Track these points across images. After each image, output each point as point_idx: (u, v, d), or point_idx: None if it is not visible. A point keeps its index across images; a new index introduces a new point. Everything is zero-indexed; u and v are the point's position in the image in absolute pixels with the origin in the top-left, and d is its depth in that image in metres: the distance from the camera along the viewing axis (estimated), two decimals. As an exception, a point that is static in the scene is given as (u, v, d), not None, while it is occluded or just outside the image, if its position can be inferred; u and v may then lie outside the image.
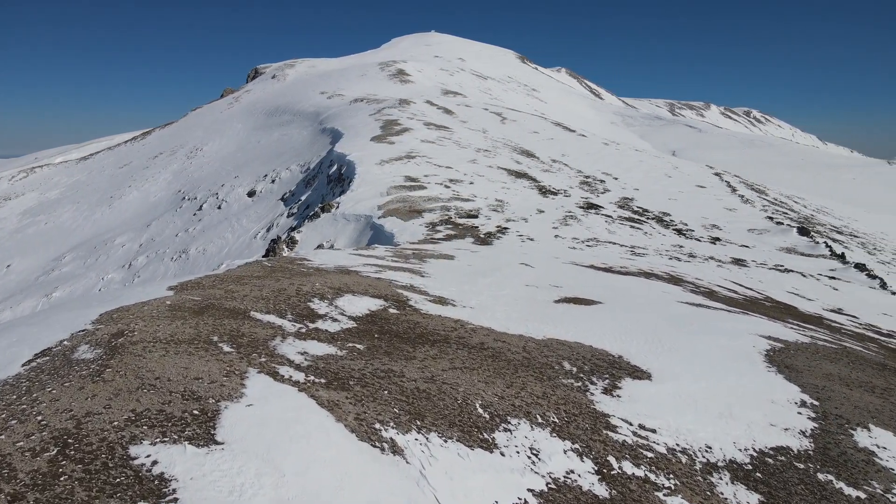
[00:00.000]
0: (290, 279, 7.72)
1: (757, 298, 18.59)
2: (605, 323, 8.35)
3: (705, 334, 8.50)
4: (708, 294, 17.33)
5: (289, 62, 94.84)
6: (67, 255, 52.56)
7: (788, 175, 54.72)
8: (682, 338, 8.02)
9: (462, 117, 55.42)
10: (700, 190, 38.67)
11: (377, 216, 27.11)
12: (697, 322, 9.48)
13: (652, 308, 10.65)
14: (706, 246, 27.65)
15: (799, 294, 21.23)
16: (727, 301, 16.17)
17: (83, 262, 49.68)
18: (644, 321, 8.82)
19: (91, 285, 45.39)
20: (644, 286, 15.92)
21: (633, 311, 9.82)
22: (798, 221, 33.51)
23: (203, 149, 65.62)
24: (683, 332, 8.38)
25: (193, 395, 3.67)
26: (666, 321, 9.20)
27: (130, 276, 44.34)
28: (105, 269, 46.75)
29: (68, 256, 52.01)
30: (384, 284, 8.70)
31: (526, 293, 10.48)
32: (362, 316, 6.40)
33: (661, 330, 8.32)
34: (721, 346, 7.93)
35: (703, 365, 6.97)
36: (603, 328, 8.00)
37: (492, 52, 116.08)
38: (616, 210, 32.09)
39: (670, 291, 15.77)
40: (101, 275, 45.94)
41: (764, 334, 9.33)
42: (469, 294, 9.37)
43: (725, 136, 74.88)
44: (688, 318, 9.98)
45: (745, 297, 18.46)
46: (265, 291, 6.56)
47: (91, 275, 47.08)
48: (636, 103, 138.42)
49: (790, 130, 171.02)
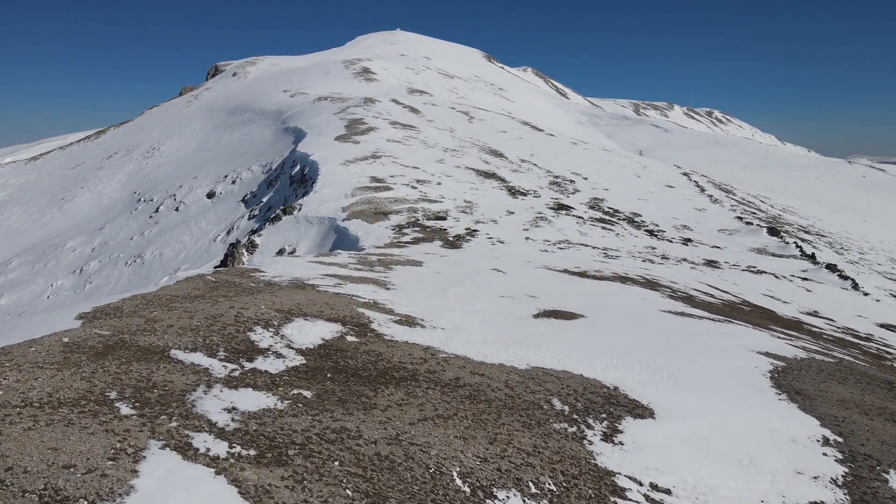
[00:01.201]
0: (232, 300, 6.60)
1: (734, 303, 18.02)
2: (593, 343, 7.45)
3: (702, 354, 7.66)
4: (687, 299, 16.67)
5: (251, 59, 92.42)
6: (14, 260, 49.82)
7: (753, 174, 55.13)
8: (678, 360, 7.16)
9: (429, 116, 54.39)
10: (669, 190, 38.39)
11: (341, 218, 25.90)
12: (689, 338, 8.66)
13: (637, 321, 9.81)
14: (678, 247, 27.19)
15: (774, 296, 20.80)
16: (707, 307, 15.52)
17: (31, 268, 47.10)
18: (633, 340, 7.95)
19: (39, 292, 42.99)
20: (622, 293, 15.15)
21: (618, 327, 8.96)
22: (767, 221, 33.40)
23: (160, 148, 63.20)
24: (678, 353, 7.52)
25: (56, 495, 2.59)
26: (656, 337, 8.36)
27: (81, 283, 42.15)
28: (54, 275, 44.34)
29: (15, 262, 49.29)
30: (343, 302, 7.64)
31: (502, 307, 9.52)
32: (314, 348, 5.33)
33: (654, 350, 7.45)
34: (721, 370, 7.09)
35: (708, 395, 6.10)
36: (591, 350, 7.08)
37: (458, 51, 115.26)
38: (587, 211, 31.47)
39: (650, 298, 15.03)
40: (49, 281, 43.55)
41: (761, 350, 8.56)
42: (440, 310, 8.37)
43: (691, 136, 75.40)
44: (677, 332, 9.15)
45: (723, 301, 17.88)
46: (197, 319, 5.45)
47: (39, 281, 44.61)
48: (602, 103, 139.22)
49: (750, 130, 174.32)
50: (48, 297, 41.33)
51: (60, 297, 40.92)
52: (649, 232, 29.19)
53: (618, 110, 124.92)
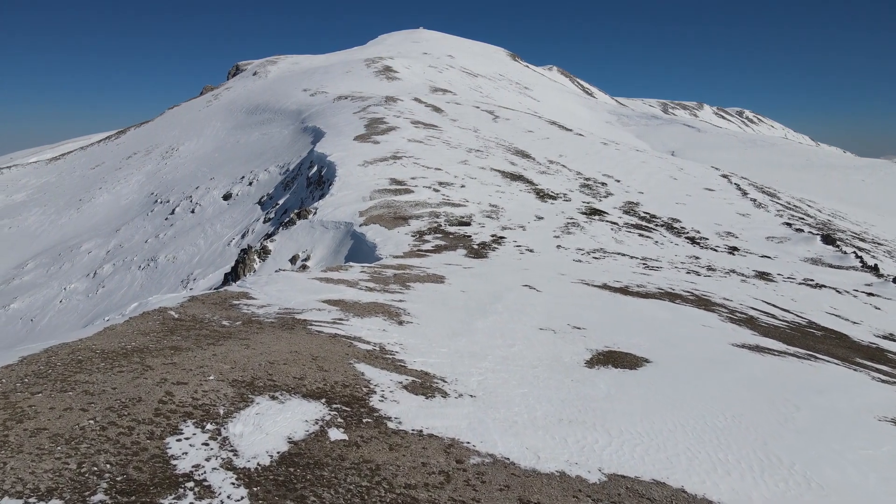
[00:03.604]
0: (174, 361, 4.71)
1: (801, 325, 15.77)
2: (677, 416, 5.42)
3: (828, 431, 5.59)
4: (749, 322, 14.48)
5: (271, 59, 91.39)
6: (30, 262, 49.05)
7: (793, 176, 52.13)
8: (803, 446, 5.11)
9: (452, 115, 52.44)
10: (709, 193, 35.92)
11: (358, 224, 24.08)
12: (793, 397, 6.57)
13: (715, 367, 7.74)
14: (724, 257, 24.86)
15: (840, 316, 18.45)
16: (778, 335, 13.34)
17: (46, 271, 46.21)
18: (726, 404, 5.91)
19: (52, 296, 42.00)
20: (678, 318, 13.02)
21: (697, 379, 6.91)
22: (817, 228, 30.82)
23: (179, 149, 62.21)
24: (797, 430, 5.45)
25: None
26: (752, 397, 6.31)
27: (95, 287, 41.03)
28: (69, 279, 43.33)
29: (31, 264, 48.51)
30: (339, 354, 5.71)
31: (545, 349, 7.52)
32: (271, 465, 3.35)
33: (763, 426, 5.40)
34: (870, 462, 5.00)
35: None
36: (680, 431, 5.06)
37: (482, 50, 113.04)
38: (622, 216, 29.23)
39: (710, 324, 12.89)
40: (63, 284, 42.53)
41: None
42: (466, 359, 6.41)
43: (725, 136, 72.16)
44: (774, 387, 7.05)
45: (788, 323, 15.64)
46: (94, 410, 3.55)
47: (53, 284, 43.64)
48: (629, 103, 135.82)
49: (783, 130, 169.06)
50: (60, 302, 40.27)
51: (73, 302, 39.84)
52: (691, 239, 26.89)
53: (646, 110, 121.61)
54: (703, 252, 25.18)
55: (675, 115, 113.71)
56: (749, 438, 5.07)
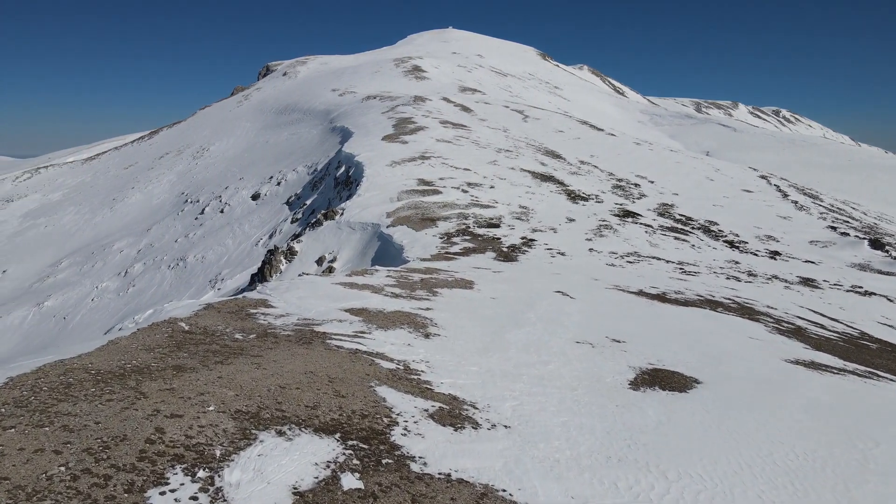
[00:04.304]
0: (179, 381, 4.22)
1: (853, 336, 14.78)
2: (741, 455, 4.75)
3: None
4: (797, 334, 13.58)
5: (301, 59, 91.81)
6: (64, 260, 49.86)
7: (835, 178, 50.22)
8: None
9: (481, 115, 51.79)
10: (747, 195, 34.66)
11: (386, 225, 23.64)
12: (870, 430, 5.83)
13: (772, 390, 7.02)
14: (765, 262, 23.78)
15: (894, 326, 17.38)
16: (830, 348, 12.44)
17: (79, 269, 46.89)
18: (794, 440, 5.22)
19: (85, 294, 42.54)
20: (722, 329, 12.21)
21: (753, 406, 6.22)
22: (863, 231, 29.44)
23: (210, 149, 62.73)
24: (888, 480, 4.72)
25: None
26: (821, 428, 5.61)
27: (125, 286, 41.43)
28: (100, 277, 43.86)
29: (65, 262, 49.30)
30: (358, 373, 5.18)
31: (583, 365, 6.90)
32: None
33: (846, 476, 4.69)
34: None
35: None
36: (748, 477, 4.40)
37: (511, 49, 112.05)
38: (656, 218, 28.28)
39: (758, 335, 12.07)
40: (95, 283, 43.05)
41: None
42: (498, 380, 5.84)
43: (763, 136, 70.03)
44: (844, 418, 6.31)
45: (839, 334, 14.67)
46: (69, 451, 3.04)
47: (86, 282, 44.23)
48: (661, 102, 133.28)
49: (821, 130, 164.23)
50: (92, 300, 40.74)
51: (104, 300, 40.26)
52: (729, 243, 25.84)
53: (679, 109, 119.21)
54: (742, 257, 24.15)
55: (708, 115, 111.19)
56: (828, 483, 4.38)
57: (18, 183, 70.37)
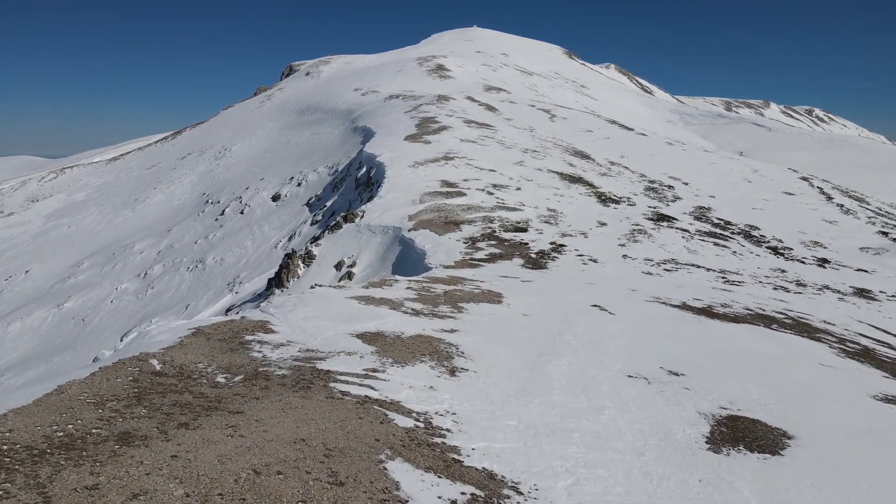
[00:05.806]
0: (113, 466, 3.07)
1: (928, 358, 13.24)
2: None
3: None
4: (867, 356, 12.07)
5: (324, 59, 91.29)
6: (86, 261, 49.66)
7: (878, 179, 47.86)
8: None
9: (506, 114, 50.43)
10: (788, 198, 32.85)
11: (407, 228, 22.47)
12: None
13: (885, 447, 5.66)
14: (814, 270, 22.12)
15: (968, 344, 15.72)
16: (911, 375, 10.97)
17: (100, 270, 46.58)
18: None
19: (104, 295, 42.13)
20: (788, 354, 10.74)
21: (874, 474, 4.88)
22: (917, 237, 27.48)
23: (231, 149, 62.30)
24: None
25: None
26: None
27: (145, 287, 40.91)
28: (120, 279, 43.44)
29: (86, 263, 49.09)
30: (365, 439, 3.99)
31: (645, 417, 5.61)
32: None
33: None
34: None
35: None
36: None
37: (537, 48, 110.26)
38: (692, 222, 26.70)
39: (827, 360, 10.61)
40: (115, 284, 42.63)
41: None
42: (543, 440, 4.62)
43: (798, 135, 67.49)
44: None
45: (913, 356, 13.14)
46: None
47: (106, 284, 43.85)
48: (690, 101, 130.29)
49: (856, 130, 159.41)
50: (111, 302, 40.31)
51: (123, 303, 39.78)
52: (773, 249, 24.20)
53: (710, 108, 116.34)
54: (788, 264, 22.51)
55: (739, 114, 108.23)
56: None
57: (44, 183, 70.78)
